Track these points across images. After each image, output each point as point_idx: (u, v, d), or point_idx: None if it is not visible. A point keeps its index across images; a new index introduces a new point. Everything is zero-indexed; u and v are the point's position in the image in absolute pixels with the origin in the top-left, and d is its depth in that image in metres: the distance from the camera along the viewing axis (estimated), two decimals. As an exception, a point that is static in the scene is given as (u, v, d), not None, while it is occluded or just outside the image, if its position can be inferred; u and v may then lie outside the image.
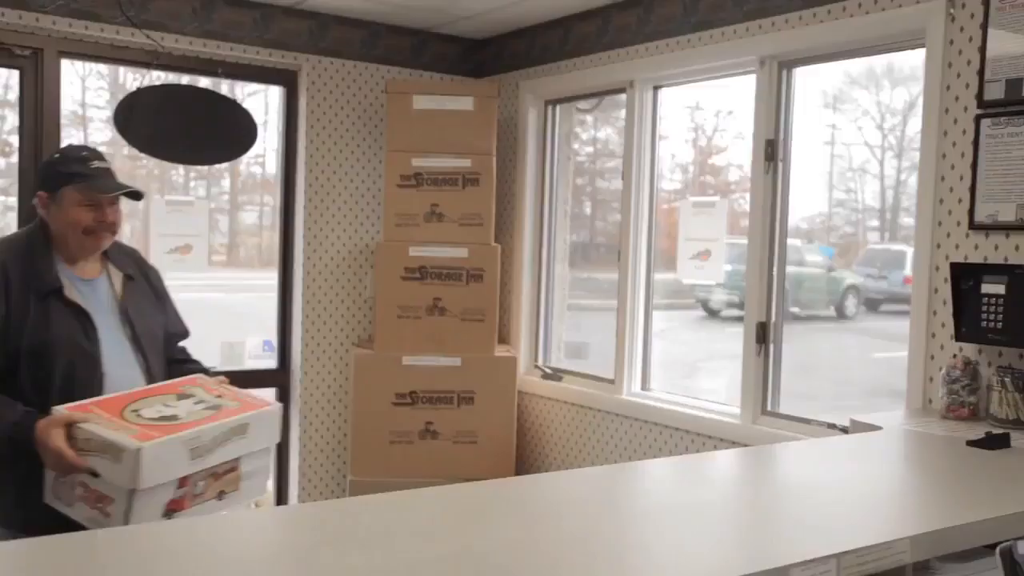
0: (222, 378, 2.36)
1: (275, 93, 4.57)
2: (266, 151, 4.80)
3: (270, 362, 4.55)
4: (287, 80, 4.48)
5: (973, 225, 2.74)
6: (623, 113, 4.12)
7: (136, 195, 2.39)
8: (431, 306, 4.22)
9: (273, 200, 4.71)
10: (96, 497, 2.00)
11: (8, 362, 2.17)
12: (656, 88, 4.03)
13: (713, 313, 5.94)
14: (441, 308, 4.22)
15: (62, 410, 2.07)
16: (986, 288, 2.60)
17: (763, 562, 1.29)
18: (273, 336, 4.57)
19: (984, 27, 2.72)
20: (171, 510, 2.00)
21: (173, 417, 2.05)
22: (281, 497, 4.37)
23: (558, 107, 4.62)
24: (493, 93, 4.35)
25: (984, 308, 2.60)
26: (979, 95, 2.73)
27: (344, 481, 4.40)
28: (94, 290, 2.34)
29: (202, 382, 2.28)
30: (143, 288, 2.47)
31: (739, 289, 3.73)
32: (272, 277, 4.59)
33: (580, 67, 4.27)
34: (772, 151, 3.44)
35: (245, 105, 4.28)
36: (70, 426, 2.04)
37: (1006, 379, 2.49)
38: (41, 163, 2.38)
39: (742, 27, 3.50)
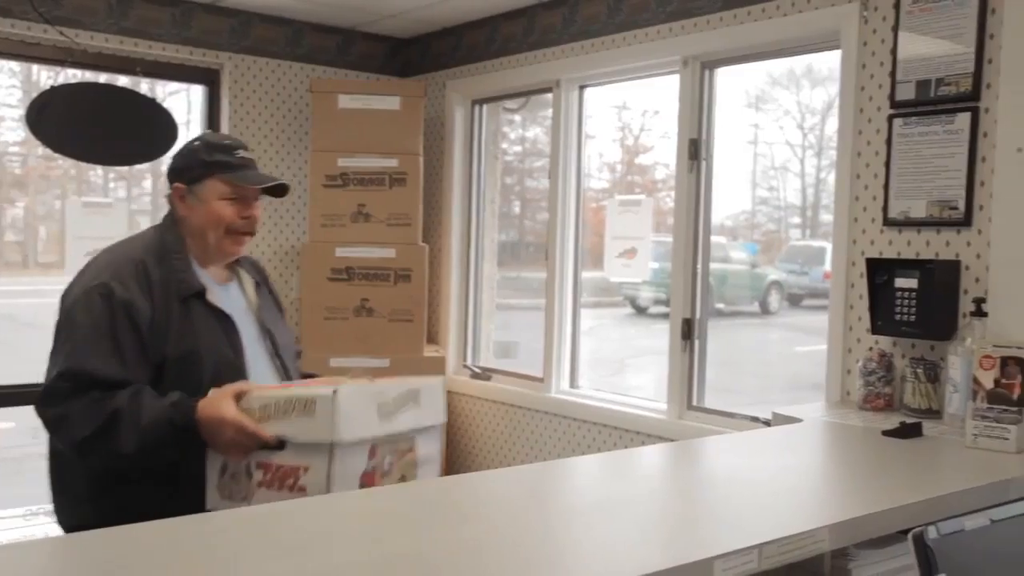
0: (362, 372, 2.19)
1: (197, 92, 4.48)
2: (188, 151, 4.70)
3: (194, 366, 4.46)
4: (209, 79, 4.39)
5: (887, 221, 2.83)
6: (551, 112, 4.15)
7: (282, 189, 2.15)
8: (359, 307, 4.19)
9: (196, 201, 4.61)
10: (283, 475, 1.76)
11: (153, 373, 1.93)
12: (582, 88, 4.06)
13: (641, 310, 6.02)
14: (369, 309, 4.18)
15: (225, 387, 1.86)
16: (899, 283, 2.68)
17: (688, 555, 1.31)
18: (197, 340, 4.48)
19: (895, 29, 2.81)
20: (364, 484, 1.79)
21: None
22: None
23: (485, 107, 4.62)
24: (419, 92, 4.33)
25: (898, 302, 2.68)
26: (891, 95, 2.82)
27: (272, 486, 4.34)
28: (229, 296, 2.11)
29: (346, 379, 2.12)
30: (268, 297, 2.26)
31: (666, 286, 3.79)
32: (195, 280, 4.50)
33: (506, 67, 4.28)
34: (696, 150, 3.50)
35: (166, 104, 4.19)
36: (239, 399, 1.81)
37: (919, 370, 2.57)
38: (177, 151, 2.14)
39: (665, 27, 3.55)
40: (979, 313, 2.46)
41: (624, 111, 4.74)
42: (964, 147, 2.63)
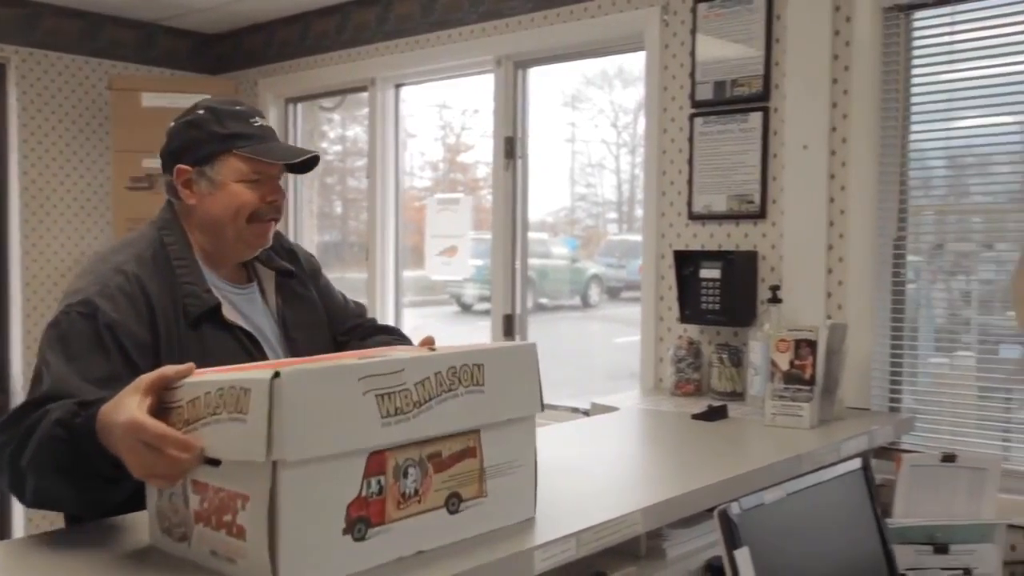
0: (429, 337, 1.63)
1: (-19, 88, 4.15)
2: (-25, 152, 4.35)
3: (-13, 385, 4.13)
4: (-6, 74, 4.08)
5: (691, 215, 2.97)
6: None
7: (314, 162, 1.74)
8: (171, 314, 3.99)
9: (-15, 206, 4.27)
10: (221, 506, 1.16)
11: None
12: (398, 86, 4.04)
13: (466, 307, 6.05)
14: (182, 316, 4.00)
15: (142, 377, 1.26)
16: (704, 273, 2.83)
17: (507, 548, 1.32)
18: (-11, 356, 4.15)
19: (693, 33, 2.95)
20: (359, 519, 1.16)
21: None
22: (4, 530, 3.97)
23: (299, 105, 4.52)
24: (230, 91, 4.18)
25: (703, 291, 2.83)
26: (692, 95, 2.96)
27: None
28: (250, 304, 1.73)
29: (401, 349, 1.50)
30: (299, 284, 1.84)
31: (489, 283, 3.83)
32: (-14, 291, 4.16)
33: (320, 64, 4.20)
34: (511, 148, 3.55)
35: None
36: (166, 391, 1.23)
37: (724, 356, 2.72)
38: (175, 124, 1.69)
39: (478, 27, 3.58)
40: (775, 300, 2.63)
41: (445, 110, 4.75)
42: (757, 144, 2.81)
